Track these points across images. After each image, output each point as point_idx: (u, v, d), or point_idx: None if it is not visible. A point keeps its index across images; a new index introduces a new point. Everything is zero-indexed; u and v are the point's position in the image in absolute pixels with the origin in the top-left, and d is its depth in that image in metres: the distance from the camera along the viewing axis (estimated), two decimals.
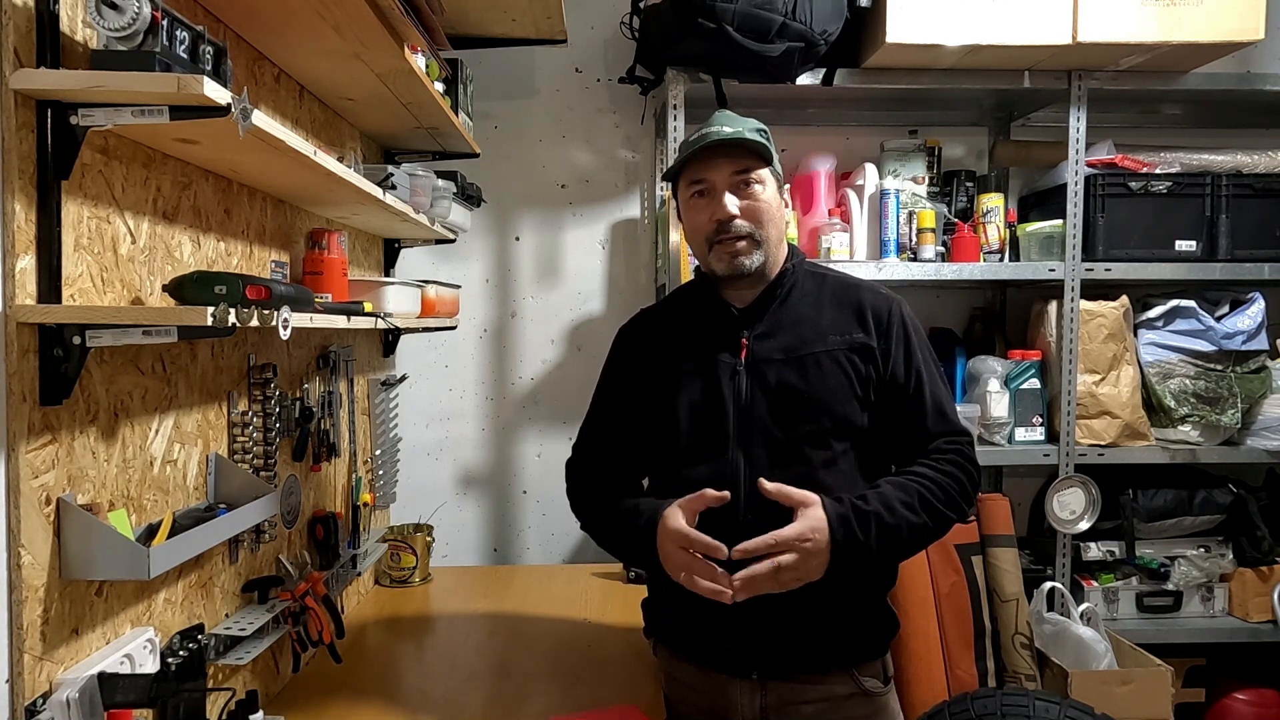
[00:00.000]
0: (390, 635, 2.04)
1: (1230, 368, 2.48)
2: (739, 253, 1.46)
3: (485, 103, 2.64)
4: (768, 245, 1.48)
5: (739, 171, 1.46)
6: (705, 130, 1.47)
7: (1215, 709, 2.58)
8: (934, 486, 1.40)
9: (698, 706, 1.54)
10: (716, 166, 1.46)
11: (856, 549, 1.34)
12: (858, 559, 1.35)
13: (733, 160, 1.46)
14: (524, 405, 2.77)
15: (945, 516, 1.41)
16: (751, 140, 1.43)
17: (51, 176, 1.06)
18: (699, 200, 1.49)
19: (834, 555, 1.34)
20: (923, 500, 1.39)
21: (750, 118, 1.51)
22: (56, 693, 1.07)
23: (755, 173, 1.47)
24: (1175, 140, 2.61)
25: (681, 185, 1.53)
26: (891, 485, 1.41)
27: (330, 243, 1.74)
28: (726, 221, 1.45)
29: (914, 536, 1.40)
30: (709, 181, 1.47)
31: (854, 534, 1.34)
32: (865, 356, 1.46)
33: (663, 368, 1.55)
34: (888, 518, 1.36)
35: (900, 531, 1.37)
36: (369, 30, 1.51)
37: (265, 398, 1.62)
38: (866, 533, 1.35)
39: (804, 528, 1.33)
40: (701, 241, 1.51)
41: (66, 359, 1.07)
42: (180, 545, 1.20)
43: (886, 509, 1.37)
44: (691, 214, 1.51)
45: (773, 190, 1.49)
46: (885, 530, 1.36)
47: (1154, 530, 2.50)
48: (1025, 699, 1.51)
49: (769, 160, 1.48)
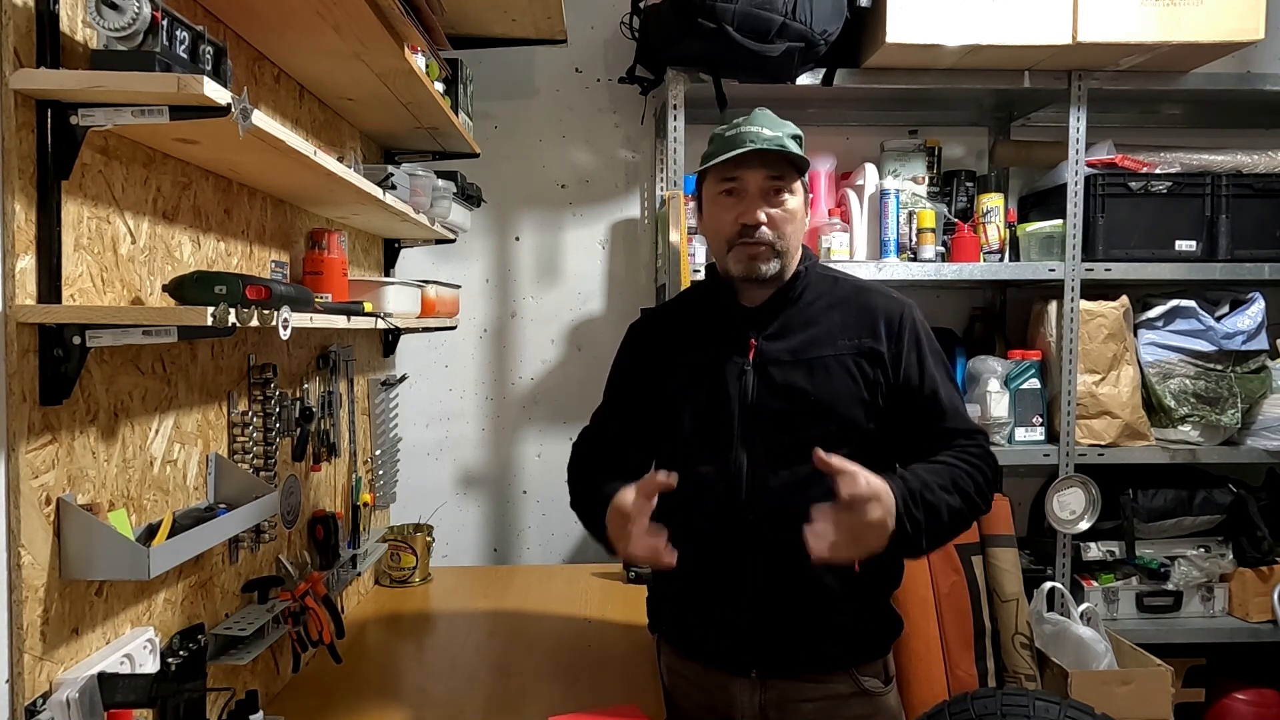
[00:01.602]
0: (390, 635, 2.04)
1: (1230, 368, 2.48)
2: (758, 258, 1.45)
3: (485, 103, 2.64)
4: (787, 254, 1.47)
5: (774, 177, 1.44)
6: (745, 129, 1.44)
7: (1215, 709, 2.58)
8: (962, 473, 1.37)
9: (699, 703, 1.54)
10: (752, 169, 1.44)
11: (911, 529, 1.28)
12: (908, 545, 1.29)
13: (769, 166, 1.44)
14: (524, 405, 2.77)
15: (975, 504, 1.38)
16: (791, 152, 1.42)
17: (51, 176, 1.06)
18: (727, 199, 1.47)
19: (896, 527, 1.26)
20: (956, 484, 1.35)
21: (789, 121, 1.48)
22: (56, 693, 1.07)
23: (790, 183, 1.45)
24: (1175, 140, 2.61)
25: (710, 177, 1.50)
26: (924, 470, 1.36)
27: (330, 243, 1.74)
28: (753, 227, 1.44)
29: (952, 520, 1.34)
30: (742, 183, 1.45)
31: (911, 511, 1.29)
32: (874, 361, 1.46)
33: (671, 365, 1.55)
34: (930, 495, 1.31)
35: (941, 513, 1.32)
36: (369, 30, 1.51)
37: (265, 398, 1.62)
38: (918, 509, 1.29)
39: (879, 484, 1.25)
40: (721, 240, 1.49)
41: (66, 359, 1.07)
42: (180, 545, 1.20)
43: (927, 489, 1.32)
44: (716, 210, 1.49)
45: (800, 199, 1.48)
46: (931, 513, 1.31)
47: (1154, 530, 2.50)
48: (1025, 699, 1.51)
49: (803, 171, 1.47)
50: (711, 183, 1.50)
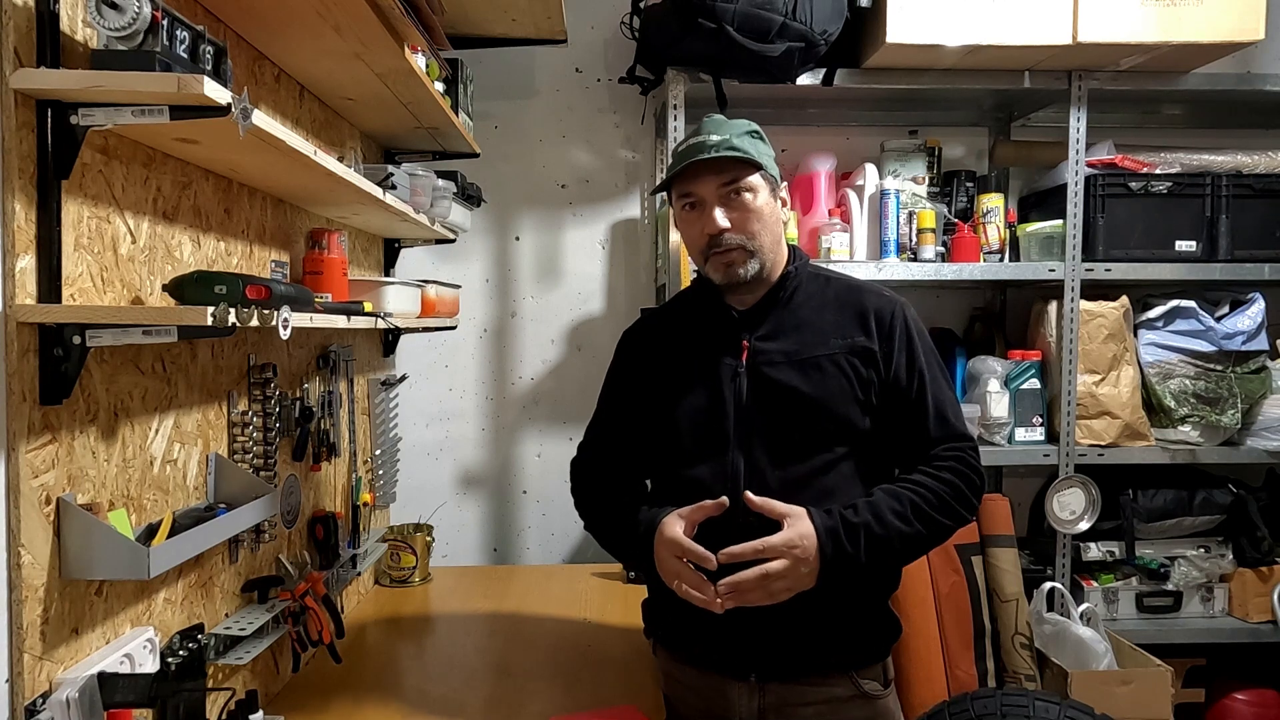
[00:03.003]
0: (390, 635, 2.04)
1: (1230, 368, 2.48)
2: (733, 263, 1.46)
3: (485, 103, 2.64)
4: (762, 252, 1.47)
5: (726, 183, 1.44)
6: (692, 141, 1.46)
7: (1215, 709, 2.58)
8: (930, 494, 1.39)
9: (696, 708, 1.54)
10: (703, 180, 1.45)
11: (846, 561, 1.34)
12: (848, 570, 1.35)
13: (719, 172, 1.44)
14: (524, 405, 2.77)
15: (941, 525, 1.40)
16: (737, 152, 1.41)
17: (51, 176, 1.06)
18: (690, 213, 1.49)
19: (823, 567, 1.34)
20: (916, 509, 1.38)
21: (741, 119, 1.50)
22: (56, 692, 1.07)
23: (744, 181, 1.45)
24: (1175, 140, 2.61)
25: (674, 195, 1.52)
26: (885, 494, 1.40)
27: (330, 242, 1.74)
28: (717, 235, 1.45)
29: (906, 546, 1.39)
30: (697, 196, 1.47)
31: (843, 546, 1.34)
32: (866, 360, 1.46)
33: (665, 369, 1.55)
34: (877, 529, 1.35)
35: (891, 542, 1.37)
36: (369, 30, 1.51)
37: (265, 397, 1.62)
38: (856, 545, 1.34)
39: (791, 534, 1.33)
40: (696, 253, 1.51)
41: (66, 359, 1.06)
42: (180, 545, 1.20)
43: (877, 519, 1.36)
44: (684, 226, 1.52)
45: (765, 195, 1.47)
46: (875, 541, 1.35)
47: (1154, 530, 2.50)
48: (1025, 699, 1.51)
49: (759, 166, 1.46)
50: (675, 202, 1.52)
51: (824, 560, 1.33)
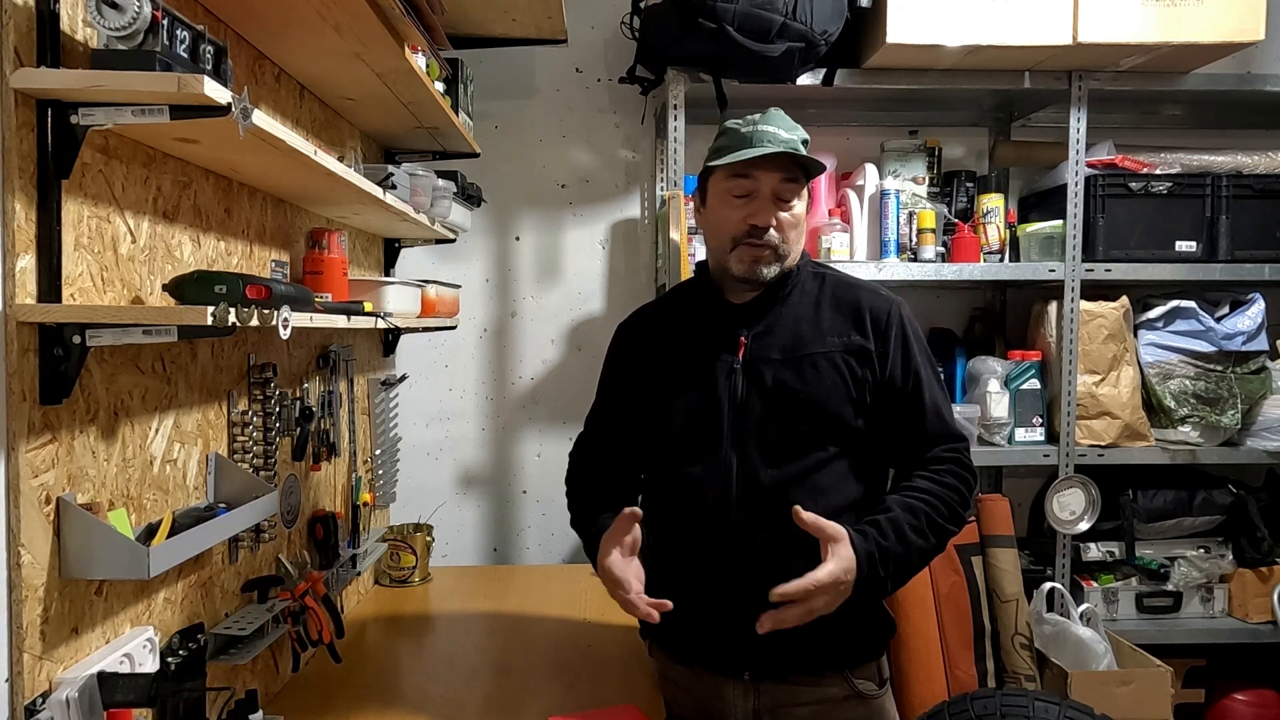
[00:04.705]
0: (390, 635, 2.04)
1: (1230, 368, 2.48)
2: (760, 260, 1.45)
3: (485, 103, 2.64)
4: (786, 259, 1.47)
5: (788, 180, 1.43)
6: (761, 128, 1.42)
7: (1215, 709, 2.58)
8: (940, 504, 1.40)
9: (691, 708, 1.54)
10: (768, 171, 1.43)
11: (876, 584, 1.35)
12: (874, 592, 1.37)
13: (785, 170, 1.43)
14: (524, 405, 2.77)
15: (949, 533, 1.42)
16: (808, 158, 1.41)
17: (52, 176, 1.06)
18: (737, 197, 1.46)
19: (855, 587, 1.34)
20: (931, 522, 1.39)
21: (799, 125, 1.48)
22: (56, 692, 1.07)
23: (799, 187, 1.45)
24: (1175, 141, 2.61)
25: (720, 172, 1.47)
26: (903, 510, 1.39)
27: (330, 242, 1.74)
28: (762, 229, 1.43)
29: (921, 560, 1.40)
30: (756, 183, 1.44)
31: (876, 570, 1.34)
32: (862, 359, 1.45)
33: (660, 364, 1.55)
34: (900, 549, 1.36)
35: (911, 560, 1.38)
36: (369, 30, 1.51)
37: (265, 397, 1.62)
38: (886, 569, 1.35)
39: (838, 569, 1.31)
40: (725, 237, 1.47)
41: (66, 358, 1.06)
42: (180, 545, 1.20)
43: (900, 539, 1.36)
44: (724, 208, 1.47)
45: (804, 205, 1.49)
46: (900, 562, 1.37)
47: (1154, 531, 2.50)
48: (1025, 699, 1.51)
49: (811, 178, 1.47)
50: (721, 178, 1.47)
51: (858, 583, 1.33)
